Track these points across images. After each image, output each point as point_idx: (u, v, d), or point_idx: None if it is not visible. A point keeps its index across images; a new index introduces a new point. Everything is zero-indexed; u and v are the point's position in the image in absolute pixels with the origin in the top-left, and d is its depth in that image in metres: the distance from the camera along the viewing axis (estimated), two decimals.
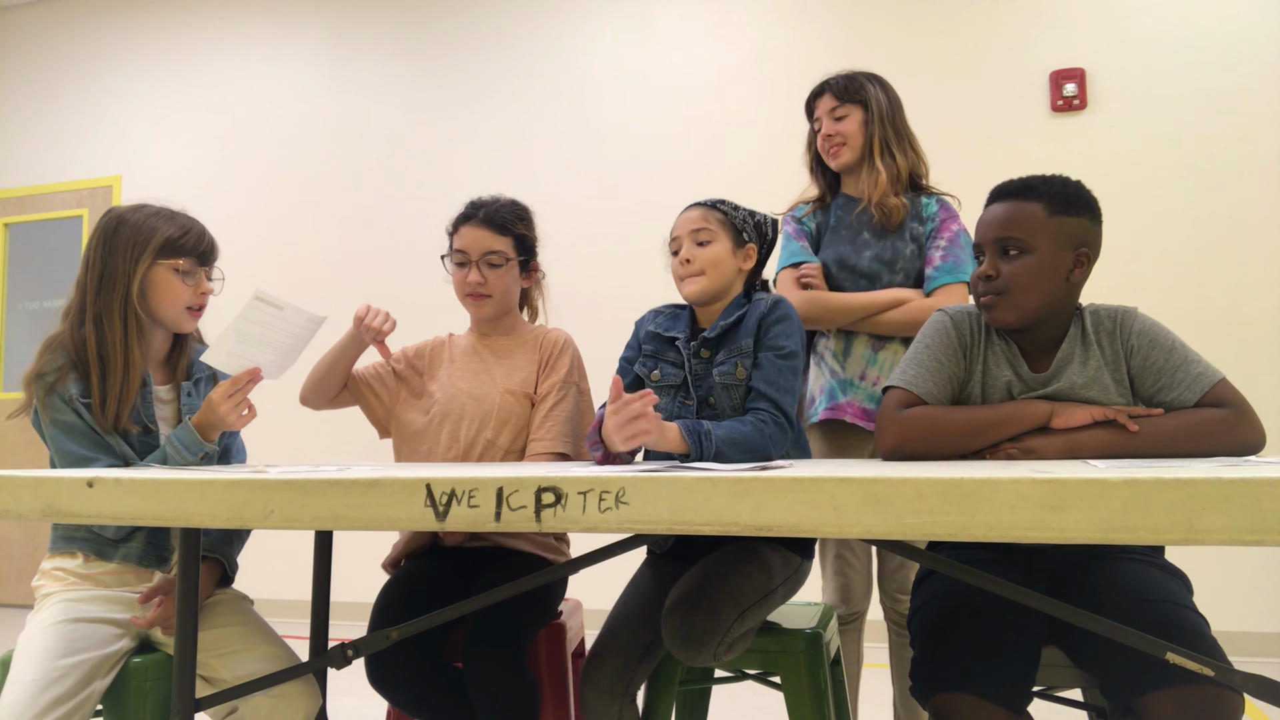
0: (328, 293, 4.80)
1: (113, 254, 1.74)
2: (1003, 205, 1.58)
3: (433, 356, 2.07)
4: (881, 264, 2.15)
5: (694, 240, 1.78)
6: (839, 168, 2.25)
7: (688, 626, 1.51)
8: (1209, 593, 1.79)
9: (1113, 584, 1.42)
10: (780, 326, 1.72)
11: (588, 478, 1.10)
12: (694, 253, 1.77)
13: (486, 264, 1.96)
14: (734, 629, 1.52)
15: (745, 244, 1.81)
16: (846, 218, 2.23)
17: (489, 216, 1.98)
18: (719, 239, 1.78)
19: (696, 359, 1.76)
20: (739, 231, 1.80)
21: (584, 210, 4.58)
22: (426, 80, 4.95)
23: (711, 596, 1.52)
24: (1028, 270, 1.53)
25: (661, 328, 1.83)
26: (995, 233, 1.57)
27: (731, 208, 1.82)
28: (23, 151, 5.63)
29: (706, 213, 1.81)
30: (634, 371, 1.82)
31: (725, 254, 1.78)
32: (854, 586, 2.21)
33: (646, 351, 1.82)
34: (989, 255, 1.58)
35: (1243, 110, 3.80)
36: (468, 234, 1.98)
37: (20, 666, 1.53)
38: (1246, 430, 1.43)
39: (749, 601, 1.55)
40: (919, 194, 2.22)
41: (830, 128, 2.22)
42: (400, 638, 1.45)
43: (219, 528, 1.56)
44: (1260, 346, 3.70)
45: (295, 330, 1.70)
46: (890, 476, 1.01)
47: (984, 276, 1.57)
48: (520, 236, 2.01)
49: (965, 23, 4.16)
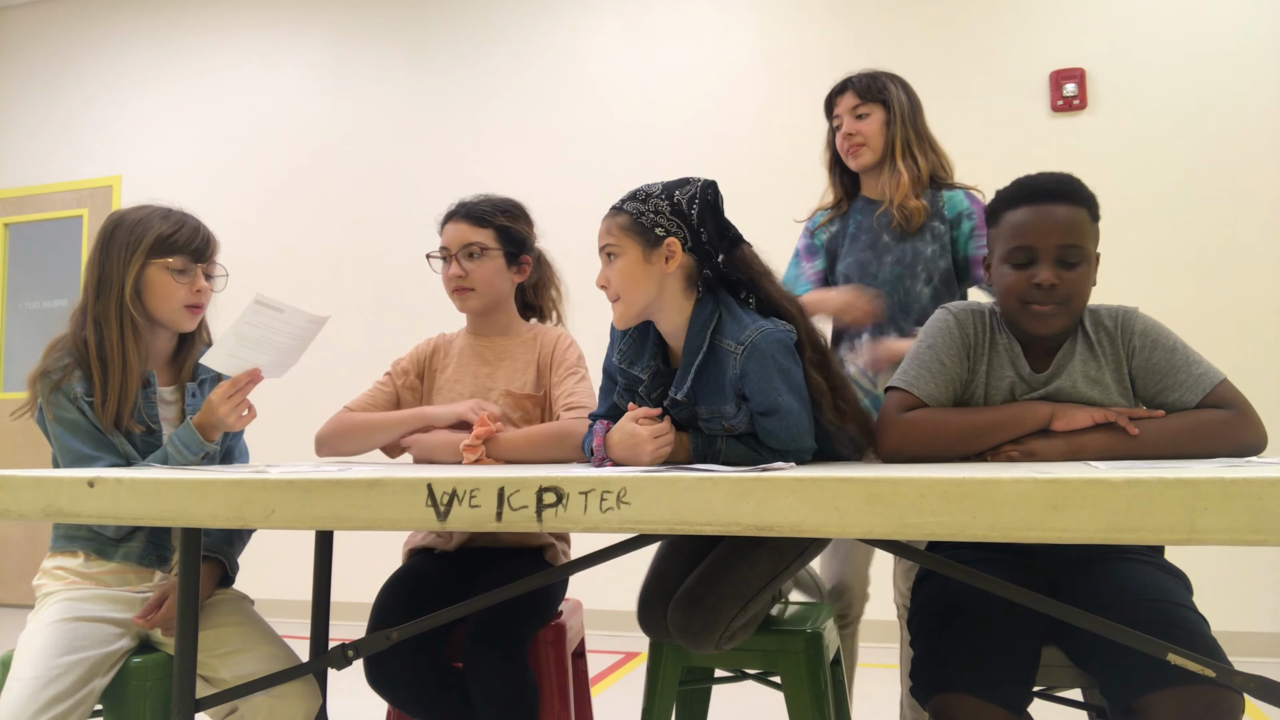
0: (327, 292, 4.81)
1: (109, 256, 1.76)
2: (1064, 209, 1.52)
3: (430, 362, 2.05)
4: (903, 268, 2.13)
5: (605, 256, 1.56)
6: (858, 168, 2.22)
7: (688, 621, 1.53)
8: (1209, 593, 1.78)
9: (1113, 584, 1.42)
10: (759, 383, 1.47)
11: (589, 478, 1.10)
12: (606, 274, 1.55)
13: (465, 255, 1.96)
14: (734, 622, 1.54)
15: (661, 241, 1.52)
16: (866, 222, 2.20)
17: (468, 211, 1.99)
18: (625, 249, 1.53)
19: (674, 406, 1.56)
20: (648, 230, 1.52)
21: (584, 210, 4.57)
22: (426, 81, 4.95)
23: (712, 593, 1.53)
24: (1084, 278, 1.52)
25: (626, 358, 1.62)
26: (1059, 239, 1.50)
27: (640, 200, 1.55)
28: (23, 151, 5.63)
29: (610, 222, 1.56)
30: (621, 390, 1.68)
31: (635, 264, 1.52)
32: (852, 588, 2.21)
33: (622, 384, 1.65)
34: (1045, 262, 1.50)
35: (1243, 110, 3.80)
36: (449, 230, 1.99)
37: (20, 664, 1.53)
38: (1248, 431, 1.43)
39: (753, 591, 1.55)
40: (938, 189, 2.18)
41: (851, 126, 2.20)
42: (400, 638, 1.45)
43: (220, 528, 1.56)
44: (1260, 347, 3.70)
45: (296, 331, 1.70)
46: (892, 477, 1.01)
47: (1045, 285, 1.49)
48: (502, 228, 1.98)
49: (965, 23, 4.16)
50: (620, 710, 2.99)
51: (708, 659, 1.71)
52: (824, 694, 1.66)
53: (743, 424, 1.52)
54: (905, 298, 2.13)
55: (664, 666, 1.69)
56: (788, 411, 1.47)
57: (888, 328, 2.13)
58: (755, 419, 1.51)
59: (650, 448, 1.45)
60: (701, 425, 1.55)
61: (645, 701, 1.70)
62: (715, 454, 1.53)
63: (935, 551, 1.59)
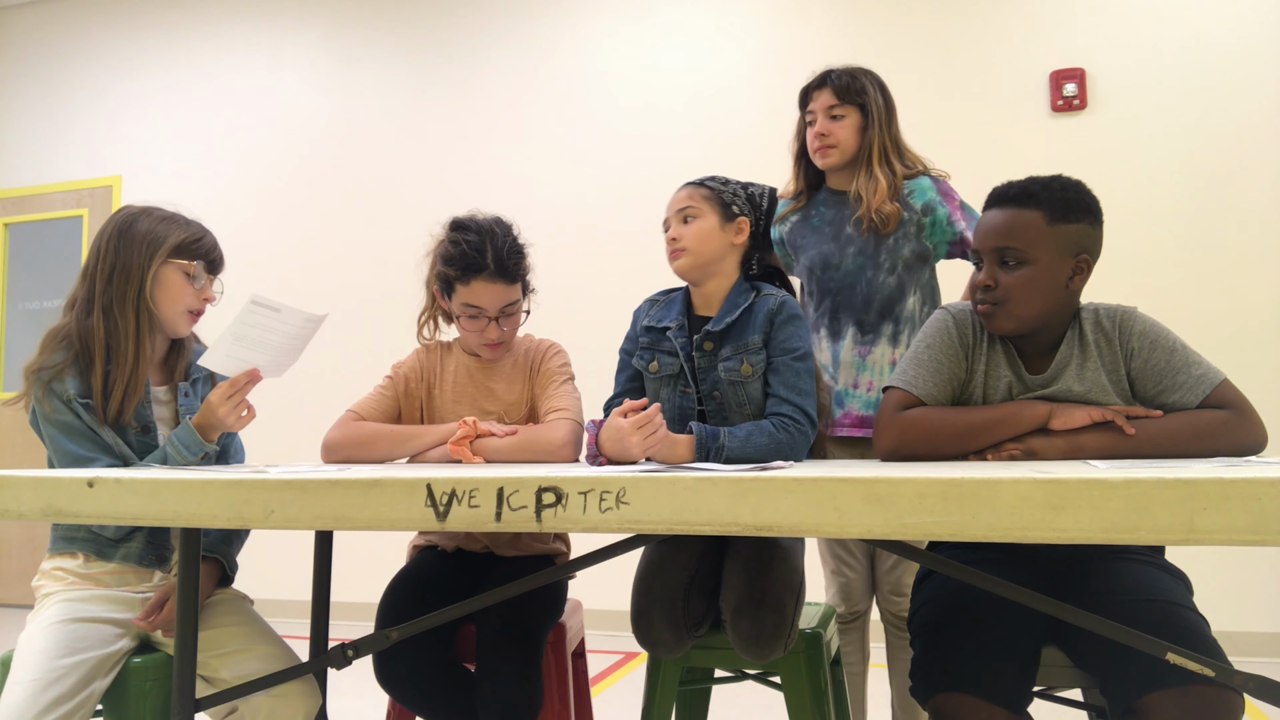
0: (328, 292, 4.81)
1: (128, 246, 1.75)
2: (1001, 212, 1.55)
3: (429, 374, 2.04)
4: (866, 258, 2.14)
5: (680, 218, 1.79)
6: (824, 167, 2.23)
7: (760, 626, 1.52)
8: (1209, 593, 1.79)
9: (1113, 584, 1.42)
10: (791, 328, 1.72)
11: (588, 478, 1.10)
12: (679, 230, 1.78)
13: (504, 315, 1.91)
14: (796, 616, 1.56)
15: (735, 218, 1.79)
16: (830, 214, 2.22)
17: (501, 268, 1.87)
18: (704, 215, 1.77)
19: (699, 351, 1.75)
20: (727, 205, 1.79)
21: (584, 210, 4.58)
22: (426, 80, 4.95)
23: (771, 591, 1.54)
24: (1026, 280, 1.51)
25: (654, 319, 1.83)
26: (994, 242, 1.54)
27: (721, 182, 1.82)
28: (23, 151, 5.63)
29: (693, 190, 1.81)
30: (633, 365, 1.83)
31: (711, 229, 1.77)
32: (854, 586, 2.21)
33: (643, 344, 1.82)
34: (987, 264, 1.55)
35: (1243, 110, 3.80)
36: (481, 290, 1.87)
37: (20, 666, 1.53)
38: (1248, 431, 1.43)
39: (796, 586, 1.58)
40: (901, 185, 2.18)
41: (824, 126, 2.19)
42: (400, 638, 1.45)
43: (219, 528, 1.56)
44: (1260, 346, 3.70)
45: (294, 330, 1.70)
46: (891, 477, 1.01)
47: (982, 286, 1.55)
48: (526, 279, 1.97)
49: (965, 23, 4.16)
50: (620, 710, 2.99)
51: (710, 660, 1.71)
52: (824, 694, 1.66)
53: (759, 366, 1.70)
54: (868, 289, 2.14)
55: (664, 666, 1.69)
56: (809, 360, 1.71)
57: (847, 321, 2.15)
58: (781, 364, 1.69)
59: (636, 439, 1.47)
60: (721, 369, 1.72)
61: (645, 701, 1.70)
62: (718, 449, 1.55)
63: (935, 551, 1.59)
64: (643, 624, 1.61)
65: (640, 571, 1.66)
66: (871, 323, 2.14)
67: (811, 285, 2.21)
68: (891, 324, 2.14)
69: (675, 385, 1.77)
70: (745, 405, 1.72)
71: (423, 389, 2.01)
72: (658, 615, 1.59)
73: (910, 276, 2.16)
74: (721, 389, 1.73)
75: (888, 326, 2.14)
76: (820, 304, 2.19)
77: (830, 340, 2.17)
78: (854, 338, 2.15)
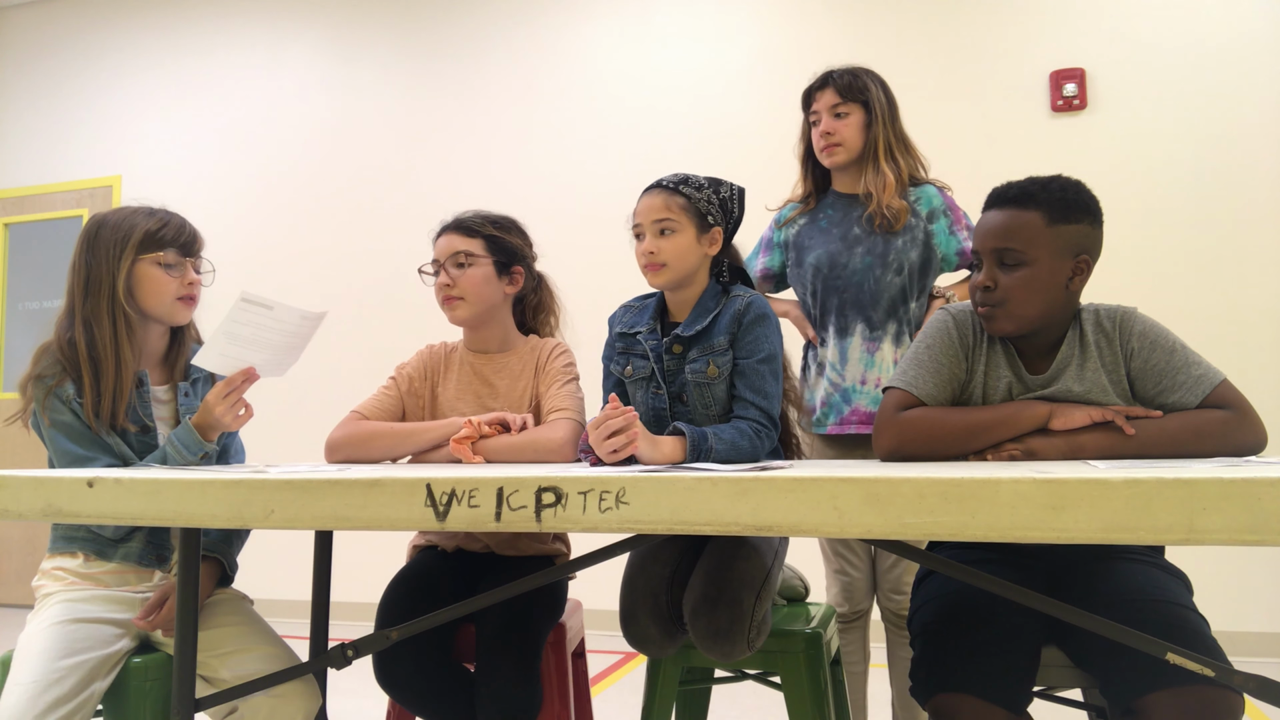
0: (328, 292, 4.81)
1: (95, 255, 1.75)
2: (1000, 213, 1.55)
3: (432, 374, 2.04)
4: (874, 258, 2.16)
5: (657, 230, 1.75)
6: (831, 166, 2.24)
7: (715, 623, 1.52)
8: (1209, 593, 1.78)
9: (1113, 584, 1.42)
10: (759, 329, 1.72)
11: (588, 478, 1.10)
12: (657, 244, 1.74)
13: (454, 264, 1.96)
14: (756, 612, 1.54)
15: (710, 229, 1.77)
16: (838, 215, 2.23)
17: (458, 223, 2.01)
18: (682, 229, 1.74)
19: (669, 355, 1.76)
20: (703, 216, 1.76)
21: (585, 210, 4.58)
22: (426, 81, 4.95)
23: (727, 588, 1.54)
24: (1025, 281, 1.51)
25: (628, 325, 1.83)
26: (992, 243, 1.54)
27: (696, 188, 1.76)
28: (23, 151, 5.63)
29: (669, 199, 1.75)
30: (613, 372, 1.84)
31: (689, 244, 1.74)
32: (856, 586, 2.22)
33: (619, 349, 1.84)
34: (986, 265, 1.55)
35: (1243, 110, 3.80)
36: (440, 242, 2.01)
37: (20, 668, 1.53)
38: (1248, 432, 1.43)
39: (758, 583, 1.57)
40: (910, 185, 2.22)
41: (829, 125, 2.21)
42: (400, 638, 1.45)
43: (219, 528, 1.56)
44: (1260, 346, 3.70)
45: (290, 329, 1.70)
46: (891, 477, 1.01)
47: (982, 287, 1.55)
48: (491, 238, 1.99)
49: (965, 23, 4.16)
50: (620, 710, 2.99)
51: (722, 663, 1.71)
52: (824, 694, 1.66)
53: (725, 368, 1.71)
54: (875, 288, 2.16)
55: (664, 666, 1.69)
56: (775, 362, 1.71)
57: (856, 318, 2.17)
58: (746, 366, 1.70)
59: (595, 435, 1.47)
60: (688, 371, 1.73)
61: (645, 701, 1.70)
62: (708, 450, 1.56)
63: (935, 551, 1.59)
64: (630, 622, 1.63)
65: (626, 573, 1.69)
66: (879, 320, 2.16)
67: (817, 284, 2.21)
68: (896, 324, 2.17)
69: (648, 387, 1.78)
70: (711, 406, 1.73)
71: (426, 387, 2.01)
72: (642, 612, 1.61)
73: (914, 281, 2.18)
74: (688, 391, 1.74)
75: (892, 325, 2.17)
76: (827, 302, 2.20)
77: (838, 338, 2.19)
78: (863, 334, 2.17)
